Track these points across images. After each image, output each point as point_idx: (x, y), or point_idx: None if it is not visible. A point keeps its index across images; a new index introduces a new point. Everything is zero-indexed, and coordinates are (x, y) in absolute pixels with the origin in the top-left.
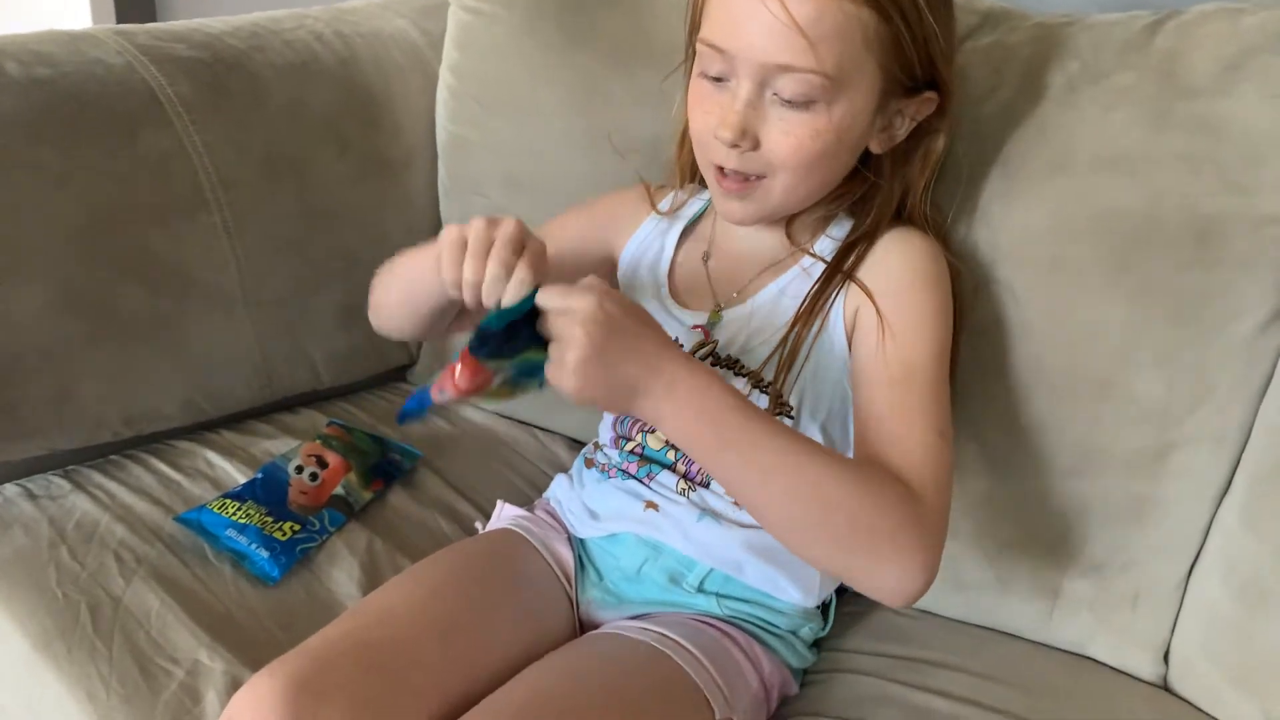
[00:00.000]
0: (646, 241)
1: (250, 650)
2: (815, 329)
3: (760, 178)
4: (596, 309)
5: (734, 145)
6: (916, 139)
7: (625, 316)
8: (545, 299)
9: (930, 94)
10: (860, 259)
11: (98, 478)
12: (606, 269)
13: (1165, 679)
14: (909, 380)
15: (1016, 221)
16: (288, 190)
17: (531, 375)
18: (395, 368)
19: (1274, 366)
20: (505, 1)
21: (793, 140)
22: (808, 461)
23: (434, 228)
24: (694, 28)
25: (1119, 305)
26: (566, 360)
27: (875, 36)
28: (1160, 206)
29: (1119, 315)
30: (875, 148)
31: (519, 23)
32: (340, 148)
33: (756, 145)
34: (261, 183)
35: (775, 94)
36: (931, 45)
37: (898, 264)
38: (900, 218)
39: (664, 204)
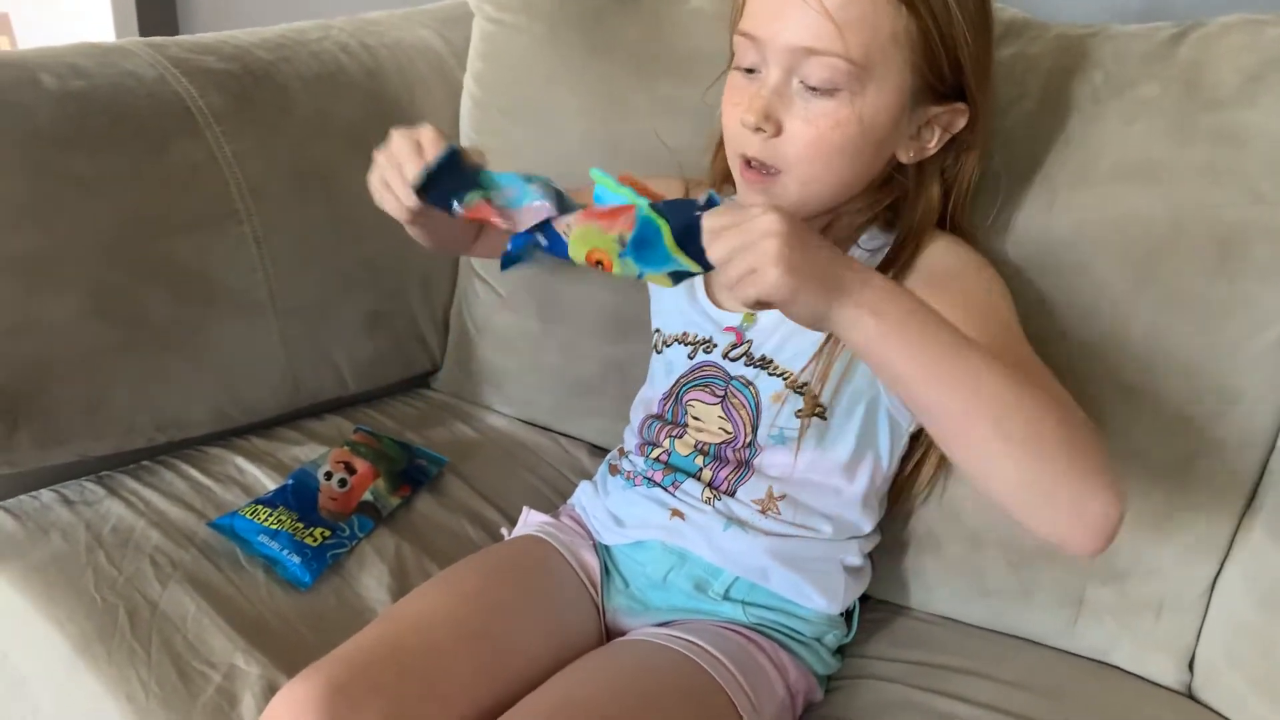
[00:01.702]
0: None
1: (284, 654)
2: None
3: (778, 173)
4: (779, 215)
5: (758, 129)
6: (950, 153)
7: (806, 233)
8: (715, 220)
9: (961, 105)
10: (902, 271)
11: (131, 483)
12: None
13: (1189, 686)
14: (1009, 350)
15: (1042, 230)
16: (315, 199)
17: (657, 260)
18: (420, 374)
19: None
20: (528, 12)
21: (814, 130)
22: (1012, 376)
23: None
24: (734, 27)
25: (1143, 314)
26: (767, 249)
27: (904, 31)
28: (1184, 216)
29: (1143, 324)
30: (904, 157)
31: (542, 33)
32: (366, 157)
33: (779, 131)
34: (289, 192)
35: (802, 81)
36: (961, 50)
37: (958, 272)
38: (942, 229)
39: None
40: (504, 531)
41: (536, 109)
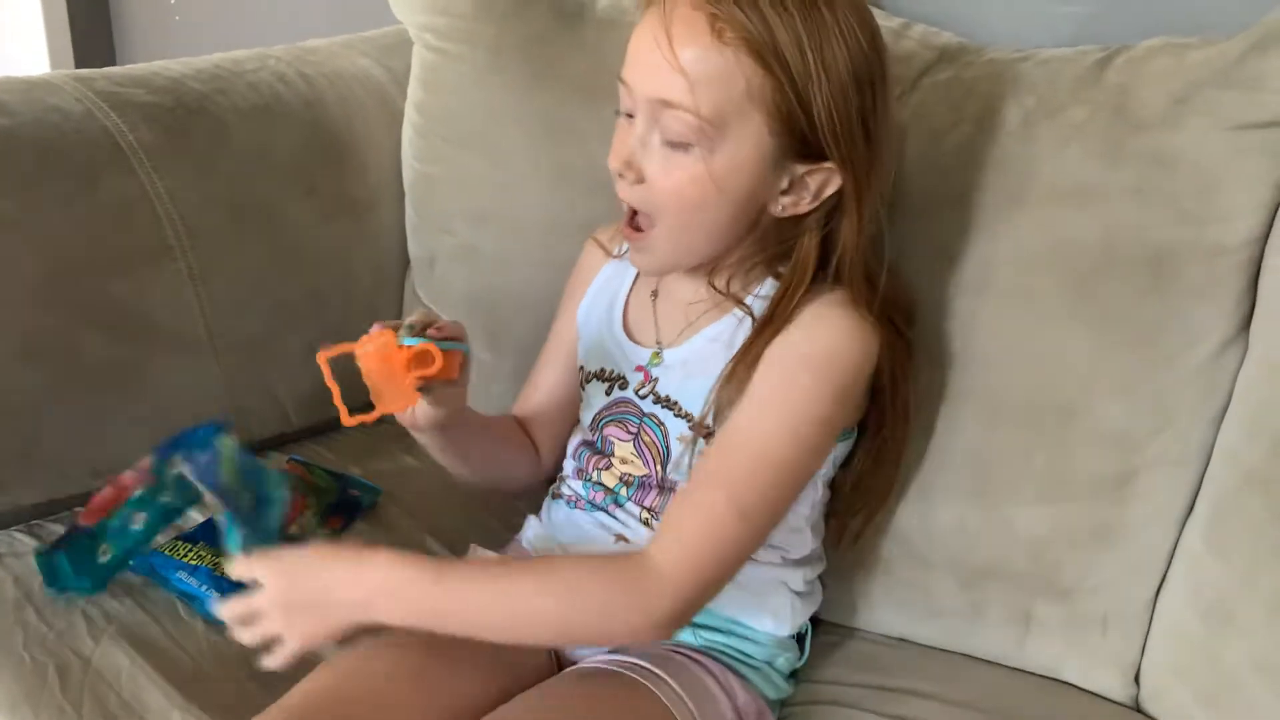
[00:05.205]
0: (608, 283)
1: (224, 708)
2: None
3: (652, 226)
4: (274, 601)
5: (620, 175)
6: (835, 211)
7: (299, 577)
8: (228, 614)
9: (832, 166)
10: (785, 320)
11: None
12: None
13: (1137, 700)
14: (736, 449)
15: (977, 254)
16: (254, 233)
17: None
18: (364, 404)
19: (1231, 391)
20: (470, 40)
21: (671, 182)
22: (507, 590)
23: (402, 266)
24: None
25: (1079, 334)
26: (284, 642)
27: (759, 90)
28: (1116, 237)
29: (1079, 344)
30: (775, 211)
31: (483, 61)
32: (306, 189)
33: (641, 179)
34: (227, 227)
35: (660, 133)
36: (817, 114)
37: (803, 338)
38: (839, 279)
39: (619, 248)
40: None
41: (480, 137)
